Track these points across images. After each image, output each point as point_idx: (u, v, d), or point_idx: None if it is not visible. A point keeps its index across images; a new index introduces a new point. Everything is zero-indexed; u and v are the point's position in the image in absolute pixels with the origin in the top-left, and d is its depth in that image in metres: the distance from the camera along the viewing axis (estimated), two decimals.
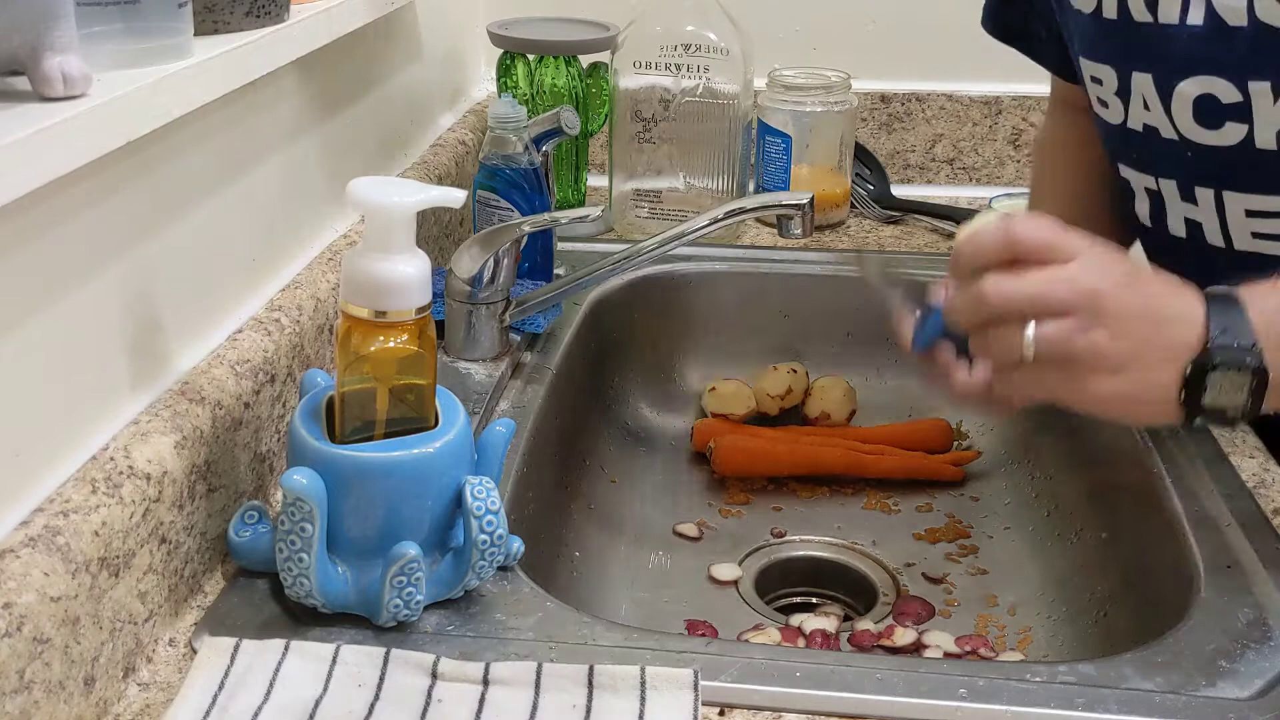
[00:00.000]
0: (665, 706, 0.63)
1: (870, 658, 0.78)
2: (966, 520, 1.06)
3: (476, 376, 0.97)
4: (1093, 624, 0.89)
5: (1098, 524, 0.96)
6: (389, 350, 0.68)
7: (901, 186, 1.44)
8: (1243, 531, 0.80)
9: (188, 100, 0.71)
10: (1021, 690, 0.66)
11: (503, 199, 1.06)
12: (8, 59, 0.60)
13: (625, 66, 1.24)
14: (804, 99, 1.30)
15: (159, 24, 0.68)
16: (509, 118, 1.05)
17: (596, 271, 1.00)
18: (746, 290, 1.23)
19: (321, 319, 0.89)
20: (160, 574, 0.67)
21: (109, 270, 0.69)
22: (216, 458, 0.73)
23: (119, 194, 0.69)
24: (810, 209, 0.96)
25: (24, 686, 0.55)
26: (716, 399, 1.18)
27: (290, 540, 0.67)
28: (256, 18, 0.79)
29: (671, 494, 1.11)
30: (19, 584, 0.56)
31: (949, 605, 0.96)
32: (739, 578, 0.99)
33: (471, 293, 0.98)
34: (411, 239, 0.69)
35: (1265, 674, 0.68)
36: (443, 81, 1.33)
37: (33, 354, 0.62)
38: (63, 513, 0.61)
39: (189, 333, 0.77)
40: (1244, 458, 0.88)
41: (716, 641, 0.78)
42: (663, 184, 1.28)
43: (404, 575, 0.67)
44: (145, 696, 0.64)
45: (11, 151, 0.55)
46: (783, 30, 1.44)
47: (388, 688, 0.65)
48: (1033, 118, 1.43)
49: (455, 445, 0.70)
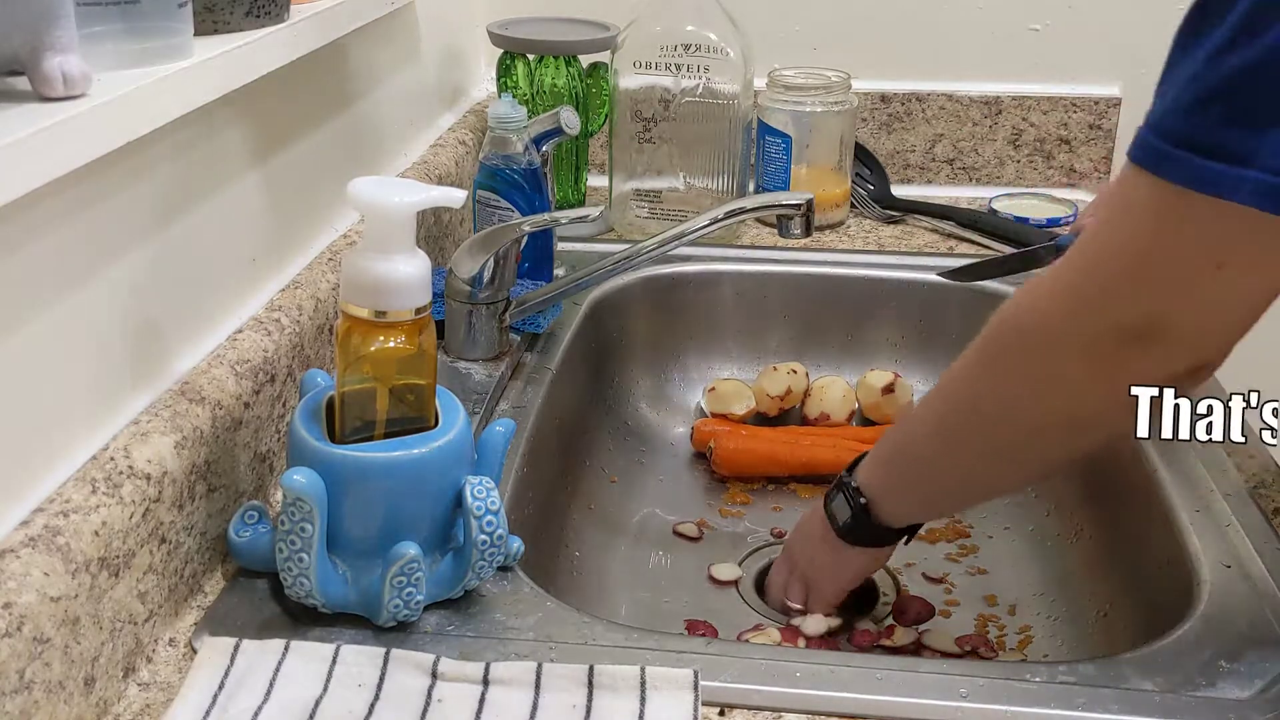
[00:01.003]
0: (665, 706, 0.63)
1: (870, 658, 0.78)
2: (966, 520, 1.06)
3: (476, 376, 0.97)
4: (1093, 624, 0.89)
5: (1098, 524, 0.96)
6: (389, 350, 0.68)
7: (901, 186, 1.44)
8: (1243, 531, 0.80)
9: (188, 100, 0.71)
10: (1021, 690, 0.66)
11: (503, 199, 1.06)
12: (8, 59, 0.60)
13: (625, 66, 1.24)
14: (804, 99, 1.30)
15: (159, 24, 0.68)
16: (509, 118, 1.05)
17: (596, 271, 1.00)
18: (746, 290, 1.23)
19: (321, 319, 0.89)
20: (160, 574, 0.67)
21: (109, 270, 0.69)
22: (216, 458, 0.73)
23: (119, 194, 0.69)
24: (810, 209, 0.96)
25: (24, 686, 0.55)
26: (716, 399, 1.18)
27: (290, 540, 0.67)
28: (256, 18, 0.79)
29: (671, 494, 1.11)
30: (19, 584, 0.56)
31: (949, 605, 0.95)
32: (739, 578, 0.99)
33: (471, 293, 0.98)
34: (411, 239, 0.69)
35: (1265, 674, 0.68)
36: (443, 81, 1.33)
37: (33, 354, 0.62)
38: (63, 513, 0.61)
39: (189, 333, 0.77)
40: (1244, 458, 0.88)
41: (716, 641, 0.78)
42: (663, 184, 1.28)
43: (404, 575, 0.67)
44: (145, 696, 0.64)
45: (11, 151, 0.55)
46: (783, 30, 1.44)
47: (388, 688, 0.65)
48: (1032, 117, 1.43)
49: (455, 445, 0.70)
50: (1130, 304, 0.67)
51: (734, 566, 1.00)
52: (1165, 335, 0.67)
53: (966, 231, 1.31)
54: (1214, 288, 0.65)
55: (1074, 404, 0.72)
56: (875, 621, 0.93)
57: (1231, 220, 0.63)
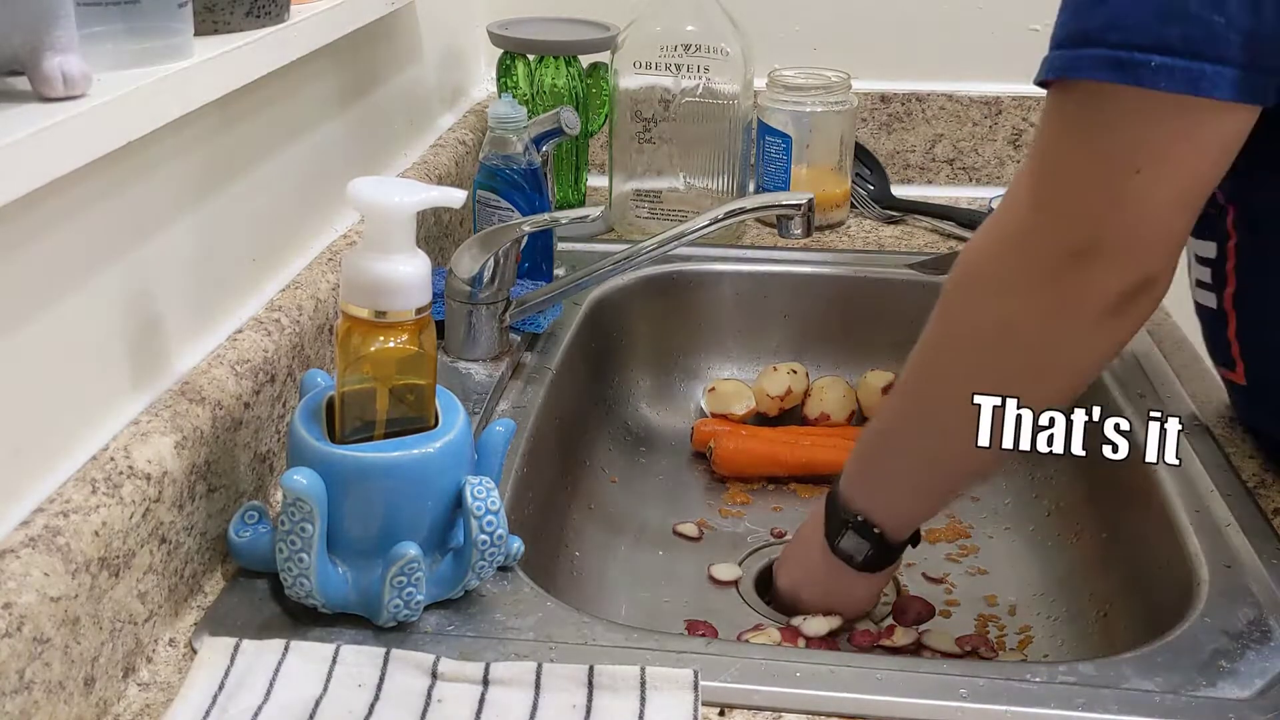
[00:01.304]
0: (665, 707, 0.63)
1: (870, 658, 0.78)
2: (966, 520, 1.06)
3: (476, 376, 0.97)
4: (1093, 624, 0.89)
5: (1098, 524, 0.96)
6: (389, 350, 0.68)
7: (901, 186, 1.44)
8: (1243, 531, 0.80)
9: (188, 100, 0.71)
10: (1021, 690, 0.66)
11: (503, 199, 1.06)
12: (8, 59, 0.60)
13: (625, 66, 1.24)
14: (804, 99, 1.30)
15: (159, 24, 0.68)
16: (509, 118, 1.05)
17: (596, 271, 1.00)
18: (746, 290, 1.23)
19: (321, 319, 0.89)
20: (160, 574, 0.67)
21: (109, 270, 0.69)
22: (216, 458, 0.73)
23: (119, 194, 0.69)
24: (810, 209, 0.96)
25: (24, 686, 0.55)
26: (716, 399, 1.18)
27: (290, 540, 0.67)
28: (256, 18, 0.79)
29: (671, 494, 1.11)
30: (19, 584, 0.56)
31: (949, 605, 0.95)
32: (739, 578, 0.99)
33: (471, 293, 0.98)
34: (411, 239, 0.69)
35: (1265, 674, 0.68)
36: (443, 81, 1.33)
37: (33, 354, 0.62)
38: (63, 513, 0.61)
39: (189, 333, 0.77)
40: (1244, 458, 0.88)
41: (716, 641, 0.78)
42: (663, 184, 1.28)
43: (404, 575, 0.67)
44: (145, 696, 0.64)
45: (11, 151, 0.55)
46: (783, 30, 1.44)
47: (388, 688, 0.65)
48: (1032, 118, 1.43)
49: (455, 445, 0.70)
50: (1063, 226, 0.68)
51: (734, 566, 1.00)
52: (1102, 249, 0.67)
53: (966, 231, 1.31)
54: (1135, 191, 0.66)
55: (1034, 343, 0.72)
56: (875, 621, 0.93)
57: (1117, 109, 0.65)
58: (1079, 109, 0.68)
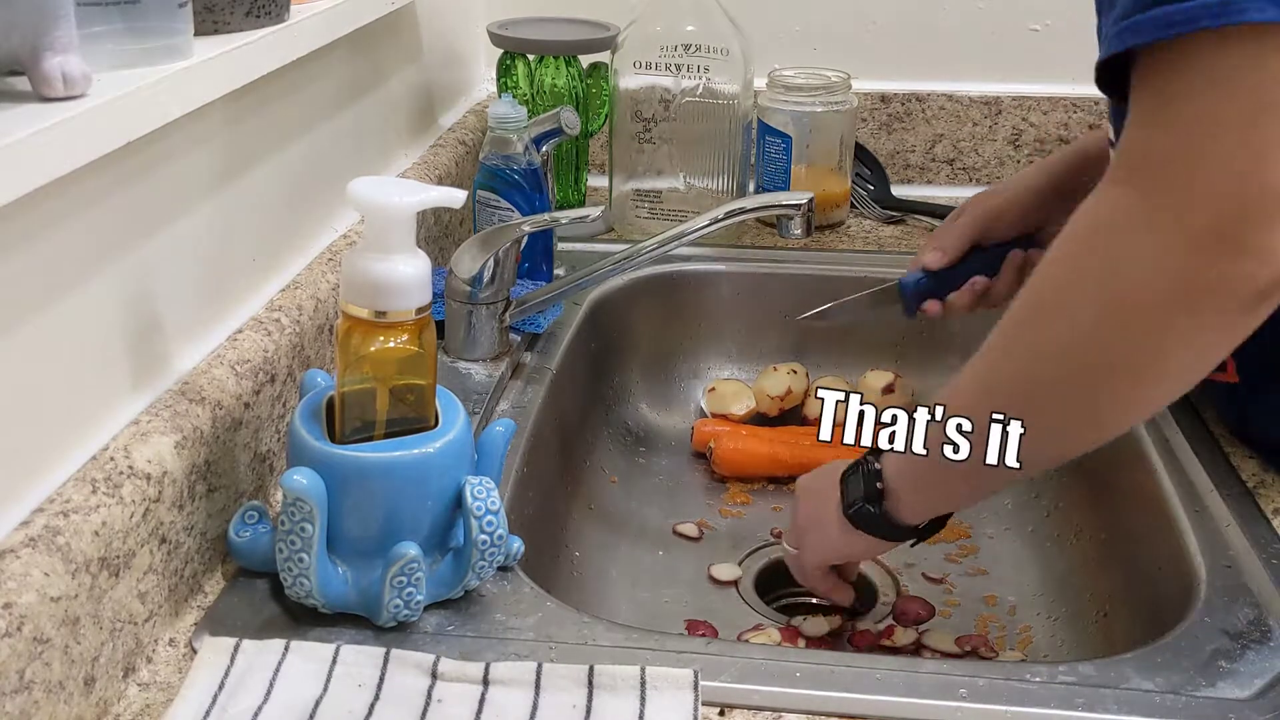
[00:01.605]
0: (665, 707, 0.63)
1: (870, 658, 0.78)
2: (966, 520, 1.06)
3: (476, 376, 0.97)
4: (1093, 624, 0.89)
5: (1098, 524, 0.96)
6: (389, 350, 0.68)
7: (901, 186, 1.44)
8: (1243, 531, 0.80)
9: (188, 100, 0.71)
10: (1021, 690, 0.66)
11: (503, 199, 1.06)
12: (8, 59, 0.60)
13: (625, 66, 1.24)
14: (804, 99, 1.30)
15: (159, 24, 0.68)
16: (509, 118, 1.05)
17: (596, 271, 1.00)
18: (746, 290, 1.23)
19: (321, 319, 0.89)
20: (160, 574, 0.67)
21: (109, 270, 0.69)
22: (216, 458, 0.73)
23: (119, 194, 0.69)
24: (810, 209, 0.96)
25: (24, 686, 0.55)
26: (716, 399, 1.18)
27: (290, 540, 0.67)
28: (256, 18, 0.79)
29: (671, 494, 1.11)
30: (19, 584, 0.56)
31: (949, 605, 0.95)
32: (739, 578, 0.99)
33: (471, 293, 0.98)
34: (411, 239, 0.69)
35: (1265, 674, 0.68)
36: (443, 81, 1.33)
37: (33, 354, 0.62)
38: (63, 513, 0.61)
39: (189, 333, 0.77)
40: (1244, 458, 0.88)
41: (716, 641, 0.78)
42: (663, 184, 1.28)
43: (404, 575, 0.67)
44: (145, 696, 0.64)
45: (11, 151, 0.55)
46: (783, 30, 1.44)
47: (388, 688, 0.65)
48: (1032, 117, 1.43)
49: (455, 445, 0.70)
50: (1210, 203, 0.60)
51: (734, 566, 1.00)
52: (1249, 217, 0.60)
53: None
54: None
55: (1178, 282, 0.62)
56: (875, 621, 0.93)
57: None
58: (1228, 59, 0.59)
